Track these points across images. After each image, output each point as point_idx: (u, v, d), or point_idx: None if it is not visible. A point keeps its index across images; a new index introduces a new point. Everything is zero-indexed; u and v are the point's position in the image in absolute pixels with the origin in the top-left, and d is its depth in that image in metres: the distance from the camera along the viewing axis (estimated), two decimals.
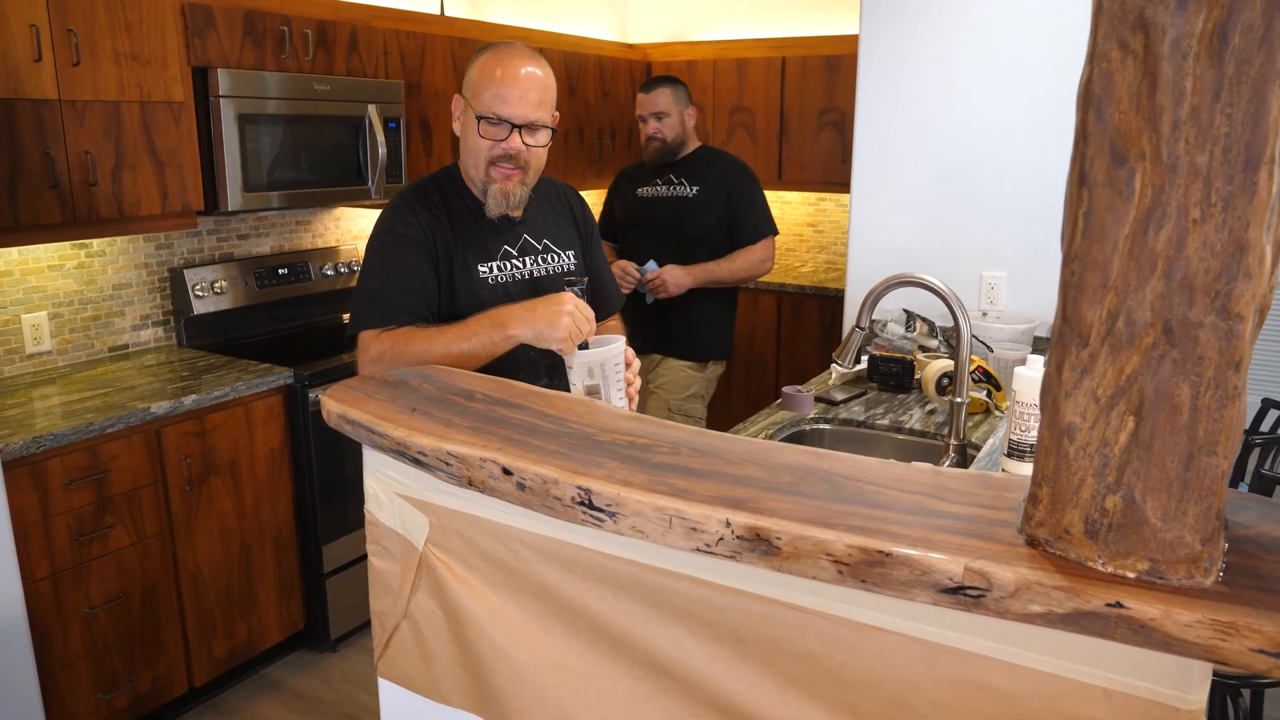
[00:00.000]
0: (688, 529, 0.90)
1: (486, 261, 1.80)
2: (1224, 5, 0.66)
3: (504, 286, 1.80)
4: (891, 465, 1.00)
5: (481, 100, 1.73)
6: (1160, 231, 0.70)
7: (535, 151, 1.77)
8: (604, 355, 1.59)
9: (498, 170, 1.76)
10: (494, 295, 1.76)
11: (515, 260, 1.83)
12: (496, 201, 1.77)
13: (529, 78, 1.73)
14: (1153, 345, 0.73)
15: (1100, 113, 0.72)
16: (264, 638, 2.98)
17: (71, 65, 2.55)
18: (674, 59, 5.08)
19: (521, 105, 1.72)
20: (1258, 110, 0.66)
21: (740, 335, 4.80)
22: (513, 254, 1.84)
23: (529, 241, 1.87)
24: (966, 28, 2.92)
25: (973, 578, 0.78)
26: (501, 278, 1.80)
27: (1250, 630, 0.70)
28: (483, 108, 1.73)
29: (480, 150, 1.75)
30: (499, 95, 1.71)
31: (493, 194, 1.77)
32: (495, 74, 1.73)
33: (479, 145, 1.75)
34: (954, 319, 1.80)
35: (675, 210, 3.25)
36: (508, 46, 1.78)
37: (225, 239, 3.41)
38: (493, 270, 1.80)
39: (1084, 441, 0.77)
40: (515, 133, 1.73)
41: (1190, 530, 0.74)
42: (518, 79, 1.72)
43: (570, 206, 2.00)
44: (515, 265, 1.83)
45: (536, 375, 1.81)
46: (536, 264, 1.87)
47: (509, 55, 1.75)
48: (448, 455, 1.08)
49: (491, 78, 1.73)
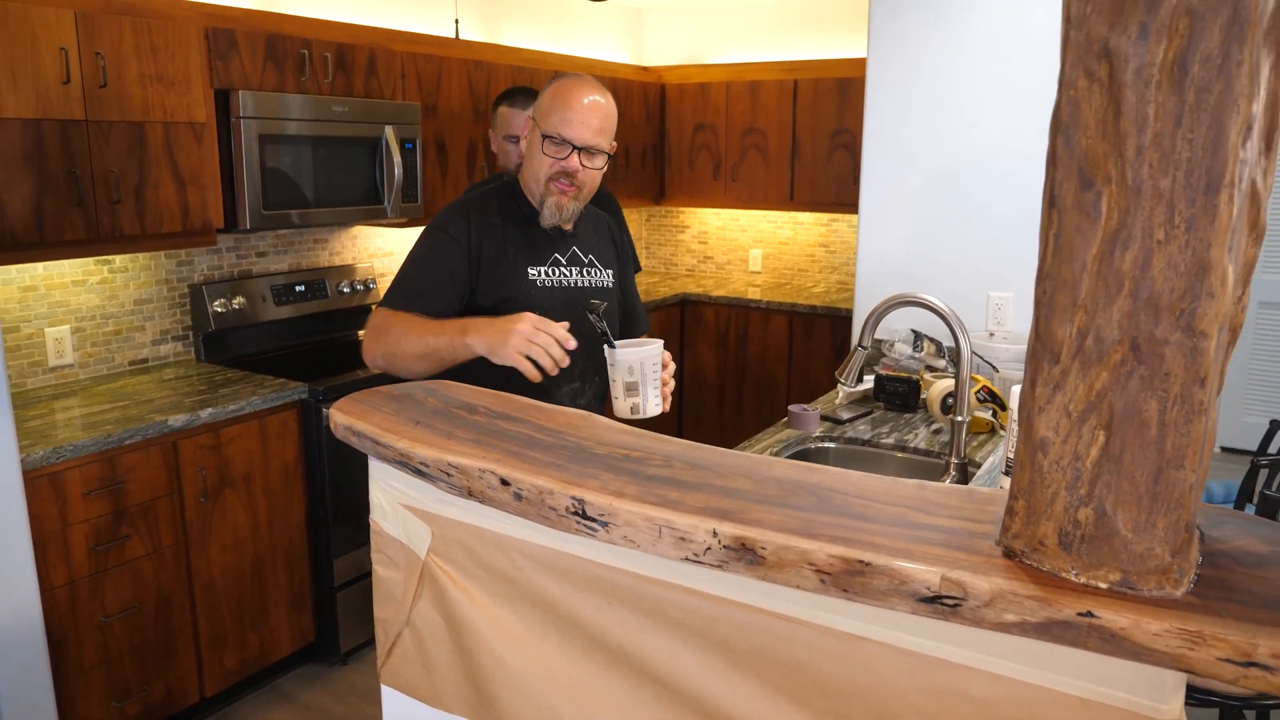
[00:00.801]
0: (677, 538, 0.93)
1: (536, 265, 1.94)
2: (1184, 36, 0.69)
3: (549, 291, 1.94)
4: (878, 479, 1.03)
5: (549, 121, 1.87)
6: (1126, 252, 0.73)
7: (590, 173, 1.90)
8: (643, 355, 1.72)
9: (555, 185, 1.89)
10: (540, 295, 1.91)
11: (563, 268, 1.97)
12: (551, 213, 1.91)
13: (593, 106, 1.87)
14: (1121, 362, 0.75)
15: (1069, 138, 0.75)
16: (275, 649, 3.01)
17: (99, 87, 2.62)
18: (688, 81, 5.14)
19: (583, 129, 1.86)
20: (1217, 136, 0.69)
21: (751, 355, 4.83)
22: (561, 262, 1.98)
23: (577, 254, 2.01)
24: (973, 50, 2.95)
25: (949, 587, 0.80)
26: (549, 282, 1.94)
27: (1216, 640, 0.72)
28: (549, 128, 1.87)
29: (542, 166, 1.89)
30: (564, 119, 1.85)
31: (549, 206, 1.91)
32: (563, 98, 1.87)
33: (541, 161, 1.89)
34: (954, 338, 1.82)
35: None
36: (578, 77, 1.93)
37: (244, 256, 3.47)
38: (540, 274, 1.94)
39: (1057, 455, 0.79)
40: (575, 154, 1.87)
41: (1160, 542, 0.77)
42: (583, 106, 1.86)
43: (612, 231, 2.15)
44: (562, 272, 1.97)
45: (571, 377, 1.91)
46: (581, 275, 1.99)
47: (578, 84, 1.89)
48: (448, 466, 1.11)
49: (560, 101, 1.87)
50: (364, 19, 3.69)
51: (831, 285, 5.18)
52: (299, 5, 3.54)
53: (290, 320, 3.53)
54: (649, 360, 1.73)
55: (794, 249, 5.35)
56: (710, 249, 5.63)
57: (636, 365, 1.71)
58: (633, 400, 1.74)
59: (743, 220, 5.48)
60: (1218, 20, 0.68)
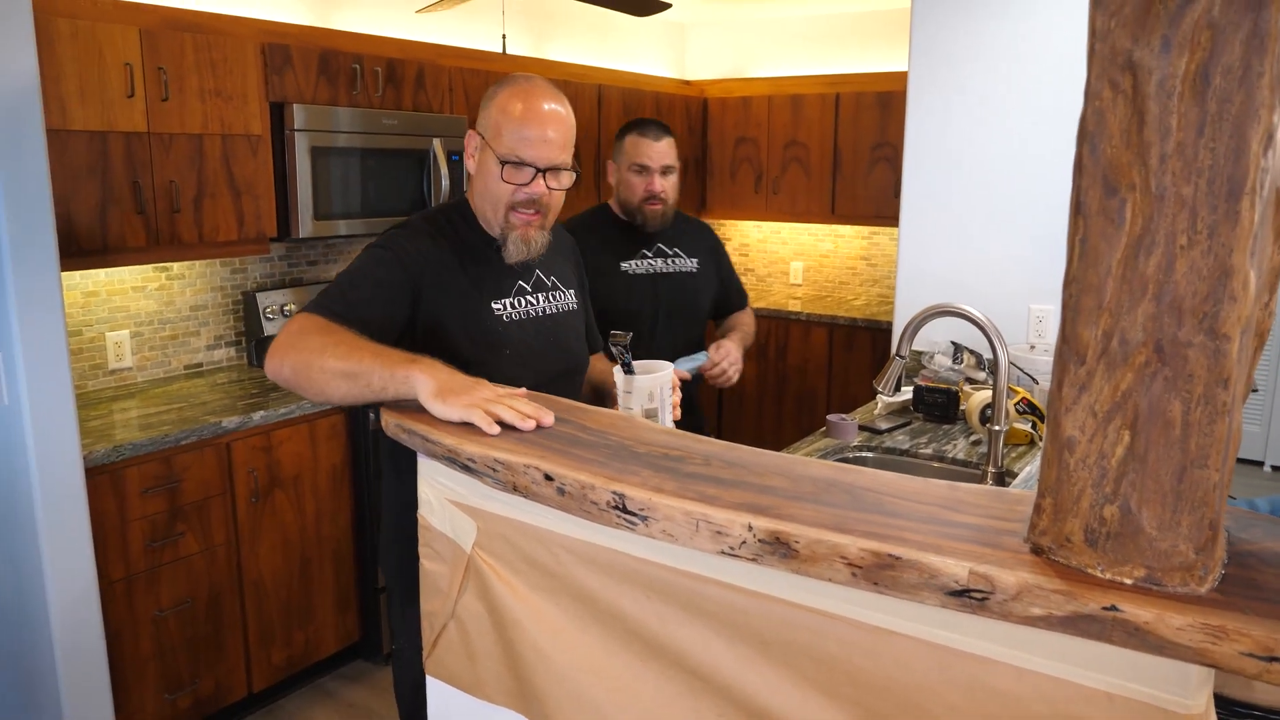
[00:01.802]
0: (713, 532, 0.97)
1: (500, 298, 1.72)
2: (1205, 48, 0.72)
3: (518, 324, 1.73)
4: (911, 480, 1.05)
5: (503, 141, 1.64)
6: (1150, 257, 0.76)
7: (556, 195, 1.70)
8: (662, 379, 1.65)
9: (518, 215, 1.67)
10: (509, 331, 1.71)
11: (529, 296, 1.77)
12: (517, 248, 1.69)
13: (551, 116, 1.65)
14: (1145, 363, 0.78)
15: (1094, 147, 0.78)
16: (320, 647, 3.08)
17: (161, 101, 2.72)
18: (730, 95, 5.19)
19: (545, 148, 1.64)
20: (1239, 145, 0.72)
21: (791, 366, 4.84)
22: (527, 290, 1.77)
23: (541, 278, 1.81)
24: (1014, 64, 2.96)
25: (977, 581, 0.83)
26: (516, 314, 1.74)
27: (1239, 634, 0.74)
28: (505, 150, 1.64)
29: (501, 195, 1.66)
30: (523, 137, 1.63)
31: (513, 240, 1.69)
32: (517, 112, 1.63)
33: (500, 190, 1.66)
34: (992, 348, 1.83)
35: (684, 289, 2.62)
36: (528, 81, 1.68)
37: (295, 264, 3.57)
38: (506, 307, 1.73)
39: (1083, 454, 0.82)
40: (539, 177, 1.65)
41: (1184, 539, 0.79)
42: (541, 119, 1.63)
43: (569, 248, 1.96)
44: (529, 301, 1.77)
45: None
46: (549, 301, 1.81)
47: (530, 93, 1.65)
48: (495, 462, 1.16)
49: (512, 117, 1.63)
50: (414, 35, 3.79)
51: (872, 298, 5.18)
52: (351, 22, 3.64)
53: None
54: (665, 385, 1.66)
55: (835, 262, 5.36)
56: (751, 261, 5.66)
57: (656, 390, 1.65)
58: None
59: (784, 233, 5.50)
60: (1239, 34, 0.71)
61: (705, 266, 2.69)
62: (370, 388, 1.38)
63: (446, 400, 1.28)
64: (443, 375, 1.33)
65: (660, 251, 2.59)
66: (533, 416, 1.27)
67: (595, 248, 2.41)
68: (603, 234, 2.52)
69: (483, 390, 1.31)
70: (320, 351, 1.42)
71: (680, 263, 2.63)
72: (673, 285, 2.59)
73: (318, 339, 1.45)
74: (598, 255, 2.39)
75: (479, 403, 1.26)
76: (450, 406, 1.27)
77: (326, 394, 1.42)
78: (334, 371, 1.40)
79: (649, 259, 2.57)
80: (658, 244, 2.58)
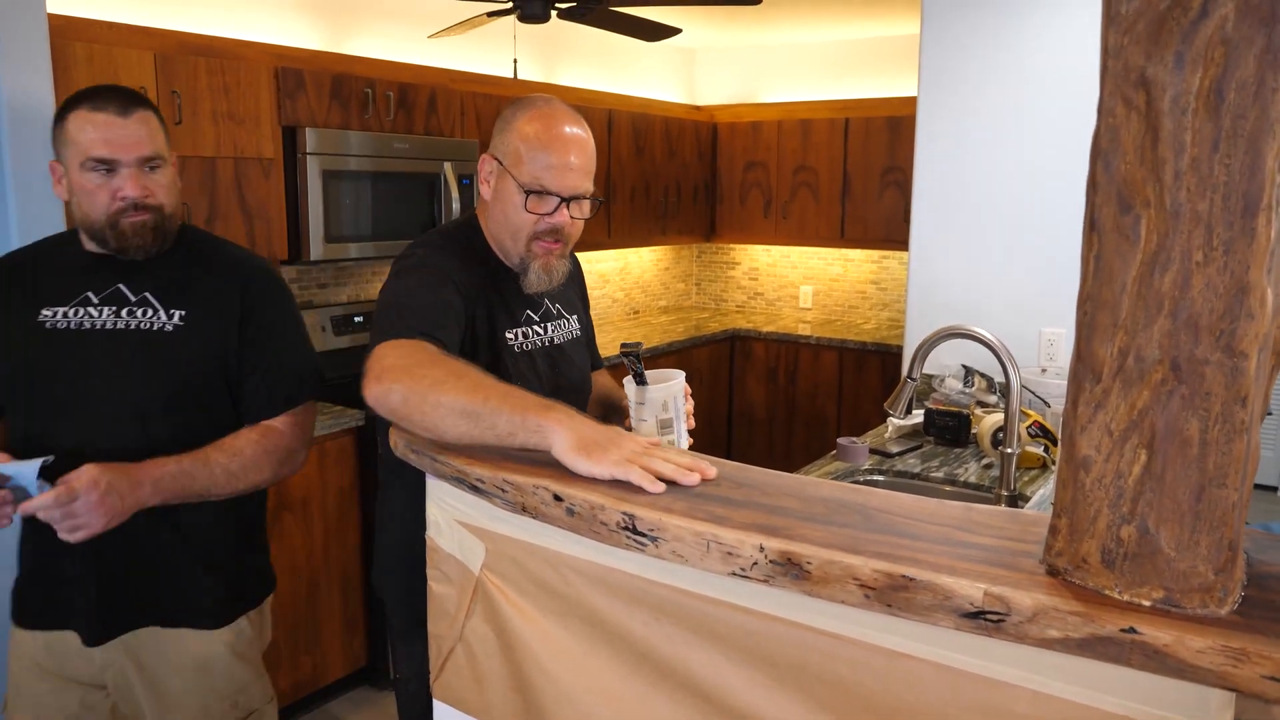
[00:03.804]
0: (724, 553, 0.96)
1: (513, 328, 1.67)
2: (1219, 64, 0.71)
3: (529, 355, 1.68)
4: (924, 500, 1.04)
5: (525, 169, 1.57)
6: (1165, 274, 0.75)
7: (578, 224, 1.65)
8: (675, 389, 1.61)
9: (540, 245, 1.62)
10: (518, 363, 1.65)
11: (537, 326, 1.72)
12: (539, 278, 1.64)
13: (574, 141, 1.59)
14: (1162, 381, 0.77)
15: (1108, 164, 0.77)
16: (327, 673, 3.06)
17: (174, 124, 2.75)
18: (739, 120, 5.21)
19: (570, 175, 1.58)
20: (1254, 161, 0.71)
21: (801, 391, 4.83)
22: (535, 319, 1.73)
23: (549, 307, 1.77)
24: (1024, 86, 2.97)
25: (992, 602, 0.82)
26: (525, 345, 1.68)
27: (1261, 657, 0.72)
28: (528, 179, 1.57)
29: (523, 225, 1.60)
30: (548, 165, 1.57)
31: (534, 271, 1.64)
32: (543, 140, 1.57)
33: (521, 220, 1.60)
34: (1004, 370, 1.82)
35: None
36: (547, 104, 1.62)
37: (306, 287, 3.58)
38: (518, 337, 1.68)
39: (1099, 473, 0.81)
40: (562, 206, 1.60)
41: (1203, 560, 0.77)
42: (564, 145, 1.57)
43: (572, 273, 1.83)
44: (537, 331, 1.72)
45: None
46: (557, 329, 1.77)
47: (552, 117, 1.59)
48: (504, 482, 1.15)
49: (534, 143, 1.57)
50: (426, 60, 3.82)
51: (882, 322, 5.17)
52: (364, 48, 3.68)
53: (349, 350, 3.63)
54: (679, 394, 1.61)
55: (844, 286, 5.36)
56: (761, 285, 5.66)
57: (670, 400, 1.60)
58: (669, 436, 1.61)
59: (793, 257, 5.51)
60: (1253, 49, 0.71)
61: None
62: (494, 431, 1.20)
63: (592, 456, 1.12)
64: (583, 428, 1.17)
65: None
66: (694, 469, 1.12)
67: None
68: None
69: (627, 443, 1.16)
70: (438, 384, 1.25)
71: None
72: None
73: (435, 370, 1.29)
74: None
75: (632, 458, 1.12)
76: (598, 463, 1.12)
77: (440, 430, 1.24)
78: (452, 408, 1.23)
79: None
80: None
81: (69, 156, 1.60)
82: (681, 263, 5.81)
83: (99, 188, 1.59)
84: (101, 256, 1.66)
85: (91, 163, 1.58)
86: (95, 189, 1.59)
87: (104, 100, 1.61)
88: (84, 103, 1.60)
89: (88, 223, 1.63)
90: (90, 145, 1.57)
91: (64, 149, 1.61)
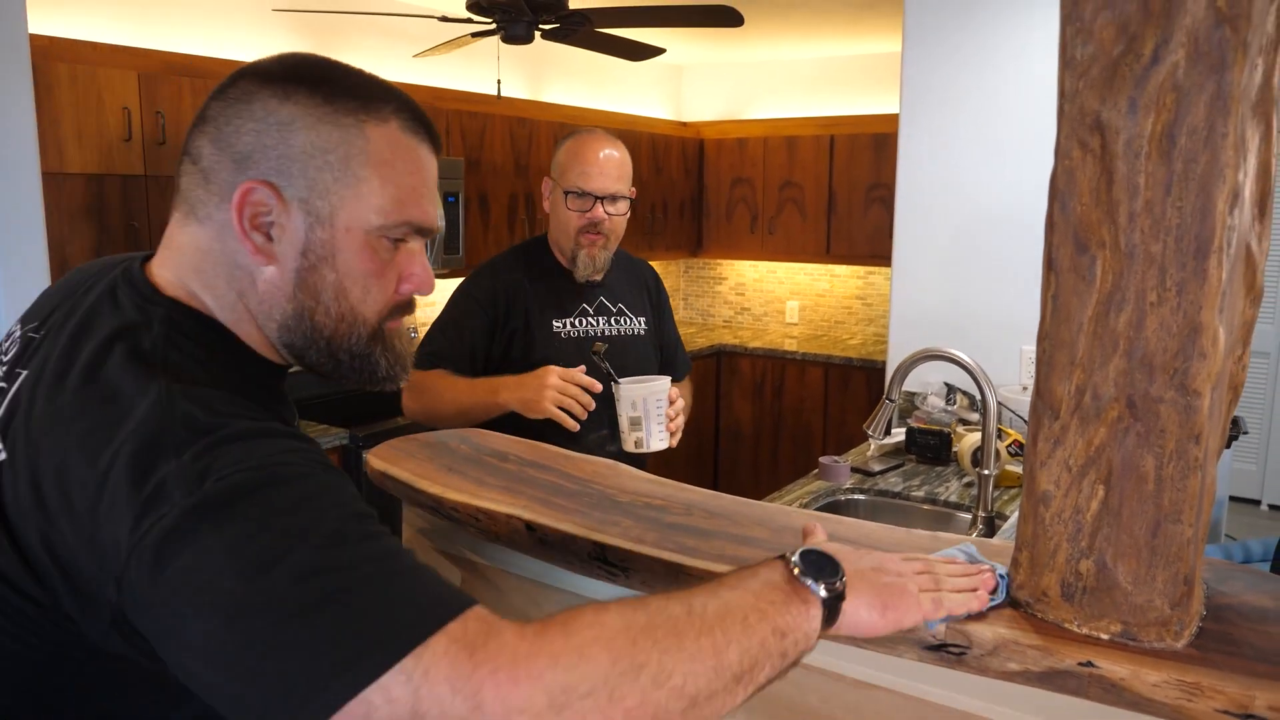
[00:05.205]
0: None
1: (562, 318, 2.00)
2: (1170, 109, 0.73)
3: (575, 341, 1.99)
4: (893, 530, 1.05)
5: (568, 178, 1.95)
6: (1120, 314, 0.76)
7: (615, 220, 1.99)
8: (646, 390, 1.77)
9: (585, 238, 1.96)
10: (565, 346, 1.97)
11: (590, 318, 2.03)
12: (585, 265, 1.98)
13: (608, 159, 1.95)
14: (1118, 419, 0.78)
15: (1064, 205, 0.79)
16: None
17: (157, 144, 2.75)
18: (726, 136, 5.24)
19: (602, 179, 1.93)
20: (1205, 204, 0.73)
21: (787, 406, 4.84)
22: (589, 312, 2.04)
23: (604, 303, 2.07)
24: (1003, 106, 3.00)
25: (954, 635, 0.83)
26: (574, 332, 2.00)
27: (1214, 691, 0.73)
28: (569, 184, 1.94)
29: (569, 222, 1.96)
30: (583, 173, 1.93)
31: (581, 259, 1.97)
32: (580, 154, 1.95)
33: (568, 218, 1.96)
34: (980, 391, 1.84)
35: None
36: (589, 132, 2.00)
37: None
38: (566, 325, 2.00)
39: (1058, 508, 0.82)
40: (598, 204, 1.94)
41: (1159, 595, 0.78)
42: (599, 159, 1.94)
43: (645, 280, 2.20)
44: (589, 322, 2.03)
45: (600, 424, 1.90)
46: (610, 323, 2.06)
47: (591, 139, 1.97)
48: (478, 512, 1.15)
49: (577, 158, 1.95)
50: (412, 78, 3.83)
51: (868, 337, 5.19)
52: None
53: None
54: (652, 396, 1.78)
55: (831, 301, 5.38)
56: (747, 300, 5.68)
57: (640, 400, 1.77)
58: (636, 435, 1.79)
59: (780, 273, 5.53)
60: (1203, 96, 0.72)
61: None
62: (479, 418, 1.81)
63: (532, 410, 1.80)
64: (518, 391, 1.81)
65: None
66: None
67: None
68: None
69: (552, 384, 1.76)
70: (435, 400, 1.89)
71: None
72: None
73: (431, 389, 1.88)
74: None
75: (555, 400, 1.77)
76: (537, 414, 1.78)
77: (454, 426, 1.64)
78: (448, 414, 1.87)
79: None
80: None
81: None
82: (669, 278, 5.83)
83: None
84: None
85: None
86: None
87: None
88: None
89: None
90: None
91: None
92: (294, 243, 0.81)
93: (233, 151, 0.81)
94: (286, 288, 0.82)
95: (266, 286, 0.82)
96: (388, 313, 0.87)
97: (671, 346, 2.22)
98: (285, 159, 0.80)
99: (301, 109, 0.81)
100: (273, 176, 0.79)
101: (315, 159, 0.80)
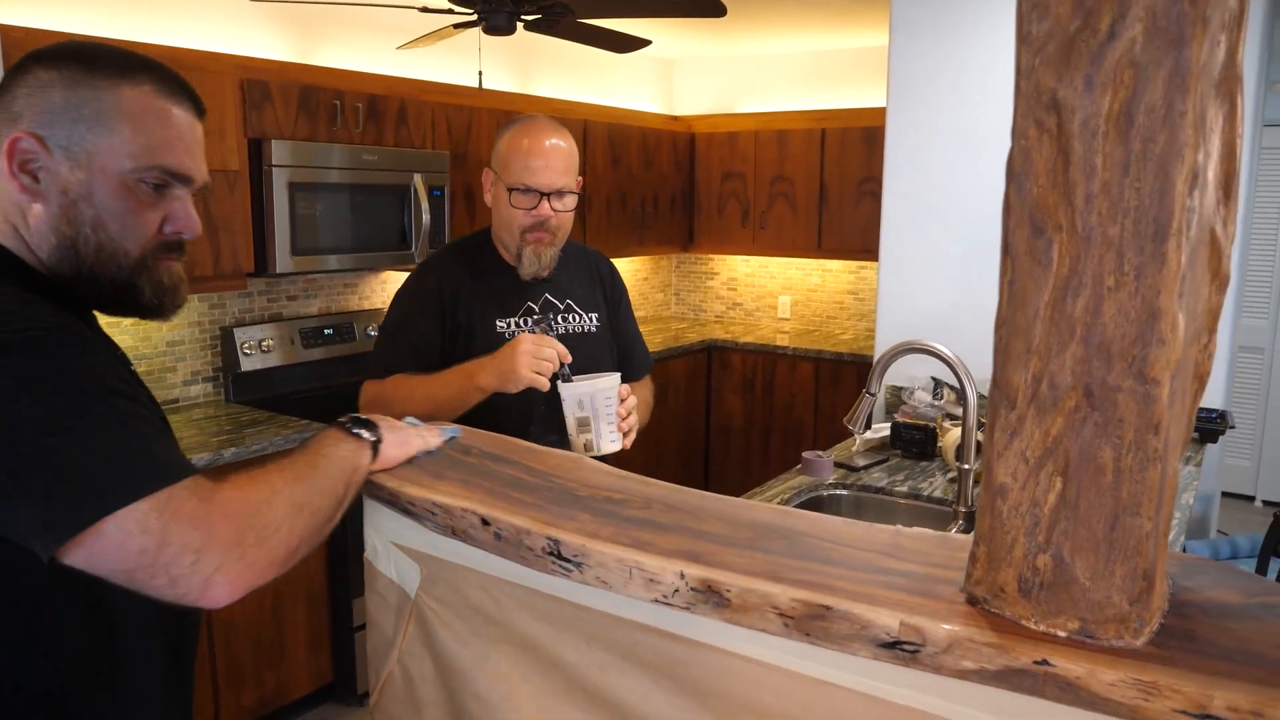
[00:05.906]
0: (647, 580, 0.94)
1: (505, 317, 1.90)
2: (1128, 87, 0.70)
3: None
4: (853, 525, 1.03)
5: (511, 173, 1.83)
6: (1078, 299, 0.74)
7: (563, 216, 1.88)
8: (592, 389, 1.67)
9: (531, 235, 1.86)
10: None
11: (535, 316, 1.94)
12: (530, 263, 1.87)
13: (553, 149, 1.83)
14: (1075, 408, 0.75)
15: (1020, 186, 0.76)
16: (292, 689, 3.02)
17: None
18: (716, 130, 5.20)
19: (548, 174, 1.82)
20: (1163, 185, 0.70)
21: (778, 401, 4.81)
22: (534, 310, 1.94)
23: (550, 300, 1.96)
24: (990, 99, 2.97)
25: (908, 633, 0.80)
26: (518, 332, 1.89)
27: (1172, 691, 0.71)
28: (512, 179, 1.83)
29: (513, 219, 1.85)
30: (527, 167, 1.81)
31: (527, 257, 1.87)
32: (522, 147, 1.83)
33: (512, 215, 1.85)
34: (961, 385, 1.81)
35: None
36: (531, 120, 1.88)
37: (275, 299, 3.55)
38: (510, 325, 1.90)
39: (1015, 501, 0.79)
40: (544, 200, 1.83)
41: (1118, 590, 0.76)
42: (544, 150, 1.82)
43: (598, 273, 2.07)
44: (534, 322, 1.93)
45: (550, 429, 1.83)
46: (557, 321, 1.96)
47: (534, 129, 1.85)
48: (433, 505, 1.13)
49: (519, 151, 1.83)
50: (396, 71, 3.80)
51: (860, 332, 5.16)
52: (332, 59, 3.65)
53: (319, 363, 3.60)
54: (600, 394, 1.68)
55: (822, 296, 5.35)
56: (739, 295, 5.65)
57: (586, 399, 1.67)
58: (585, 437, 1.68)
59: (771, 267, 5.50)
60: (1161, 72, 0.69)
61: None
62: (454, 411, 1.72)
63: (512, 381, 1.67)
64: (493, 368, 1.67)
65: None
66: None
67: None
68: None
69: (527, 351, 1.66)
70: (403, 406, 1.69)
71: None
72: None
73: (395, 396, 1.80)
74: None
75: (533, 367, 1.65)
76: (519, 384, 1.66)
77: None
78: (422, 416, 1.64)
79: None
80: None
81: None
82: (660, 273, 5.80)
83: None
84: None
85: None
86: None
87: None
88: None
89: None
90: None
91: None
92: (57, 183, 1.00)
93: (9, 113, 1.00)
94: (51, 220, 1.01)
95: (35, 220, 1.01)
96: (152, 249, 1.05)
97: (629, 342, 2.09)
98: (48, 113, 0.99)
99: (63, 75, 1.00)
100: (38, 128, 0.98)
101: (72, 113, 0.99)
